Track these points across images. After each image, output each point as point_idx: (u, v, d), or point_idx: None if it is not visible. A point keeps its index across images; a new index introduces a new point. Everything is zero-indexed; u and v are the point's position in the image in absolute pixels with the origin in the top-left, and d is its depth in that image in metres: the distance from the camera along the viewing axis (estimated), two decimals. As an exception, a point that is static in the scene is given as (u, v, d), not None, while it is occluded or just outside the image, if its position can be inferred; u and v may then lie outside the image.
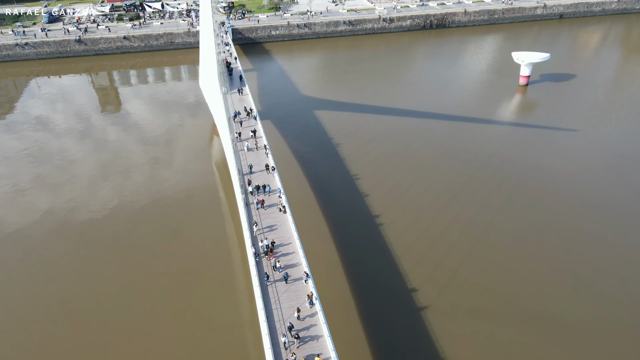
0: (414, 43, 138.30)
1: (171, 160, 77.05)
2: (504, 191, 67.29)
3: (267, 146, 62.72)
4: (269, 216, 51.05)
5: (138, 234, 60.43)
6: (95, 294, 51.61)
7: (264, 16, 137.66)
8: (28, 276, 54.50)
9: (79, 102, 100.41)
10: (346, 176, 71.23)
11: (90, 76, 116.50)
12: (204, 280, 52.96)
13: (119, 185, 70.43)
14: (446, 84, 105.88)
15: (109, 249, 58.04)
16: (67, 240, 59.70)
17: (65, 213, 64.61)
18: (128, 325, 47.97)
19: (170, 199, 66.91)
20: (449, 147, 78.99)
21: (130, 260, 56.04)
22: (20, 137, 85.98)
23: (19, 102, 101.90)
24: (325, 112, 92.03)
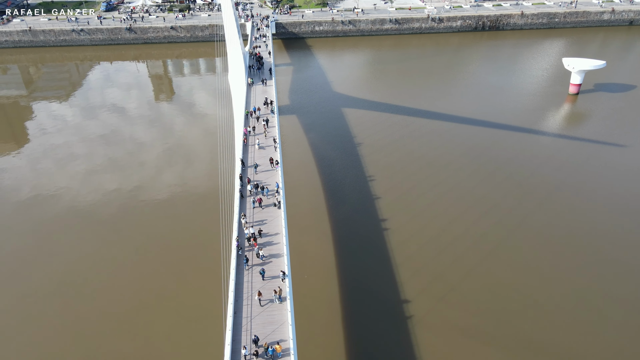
0: (463, 45, 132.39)
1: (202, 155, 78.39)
2: (526, 207, 62.41)
3: (277, 140, 61.84)
4: (262, 211, 50.13)
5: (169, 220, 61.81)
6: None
7: (310, 11, 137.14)
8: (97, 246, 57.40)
9: (133, 89, 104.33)
10: (360, 177, 69.02)
11: (138, 63, 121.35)
12: (187, 269, 52.98)
13: (180, 172, 72.08)
14: (491, 89, 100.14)
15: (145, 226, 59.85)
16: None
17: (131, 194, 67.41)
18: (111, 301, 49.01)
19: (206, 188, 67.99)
20: (476, 155, 74.56)
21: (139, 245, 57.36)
22: (78, 119, 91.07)
23: (81, 85, 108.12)
24: (355, 110, 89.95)
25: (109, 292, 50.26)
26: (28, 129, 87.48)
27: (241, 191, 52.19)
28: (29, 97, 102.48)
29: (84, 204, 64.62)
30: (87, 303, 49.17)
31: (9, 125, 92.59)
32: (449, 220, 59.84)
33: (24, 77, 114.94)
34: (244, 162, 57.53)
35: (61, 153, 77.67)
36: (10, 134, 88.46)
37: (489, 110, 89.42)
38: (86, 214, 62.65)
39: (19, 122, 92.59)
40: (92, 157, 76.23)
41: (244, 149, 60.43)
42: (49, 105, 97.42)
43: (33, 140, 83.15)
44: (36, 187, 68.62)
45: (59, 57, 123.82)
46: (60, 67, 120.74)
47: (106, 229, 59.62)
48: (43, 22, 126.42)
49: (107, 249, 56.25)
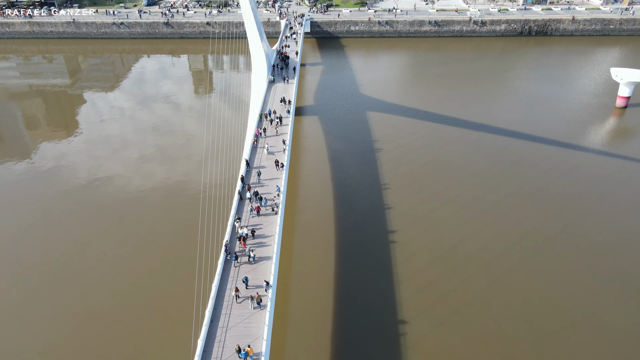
0: (506, 50, 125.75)
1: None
2: (551, 229, 57.23)
3: (286, 141, 59.79)
4: (258, 216, 48.14)
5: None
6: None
7: (347, 11, 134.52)
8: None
9: (173, 82, 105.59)
10: (375, 184, 65.86)
11: (173, 57, 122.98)
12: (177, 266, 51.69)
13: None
14: (531, 98, 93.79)
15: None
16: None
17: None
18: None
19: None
20: (503, 167, 69.63)
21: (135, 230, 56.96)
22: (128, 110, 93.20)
23: (125, 77, 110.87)
24: (380, 114, 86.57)
25: (95, 288, 49.79)
26: (81, 117, 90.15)
27: (240, 193, 50.55)
28: (76, 87, 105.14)
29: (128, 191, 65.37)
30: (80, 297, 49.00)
31: (62, 113, 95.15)
32: (462, 238, 55.75)
33: (69, 67, 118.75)
34: (249, 163, 55.92)
35: (114, 141, 79.42)
36: (63, 121, 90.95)
37: (526, 121, 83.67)
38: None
39: (66, 109, 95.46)
40: (144, 145, 77.44)
41: (252, 150, 58.82)
42: (96, 95, 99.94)
43: (86, 127, 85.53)
44: (90, 171, 70.71)
45: (100, 49, 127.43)
46: (105, 59, 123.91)
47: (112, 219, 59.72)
48: (86, 15, 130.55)
49: (105, 243, 56.18)
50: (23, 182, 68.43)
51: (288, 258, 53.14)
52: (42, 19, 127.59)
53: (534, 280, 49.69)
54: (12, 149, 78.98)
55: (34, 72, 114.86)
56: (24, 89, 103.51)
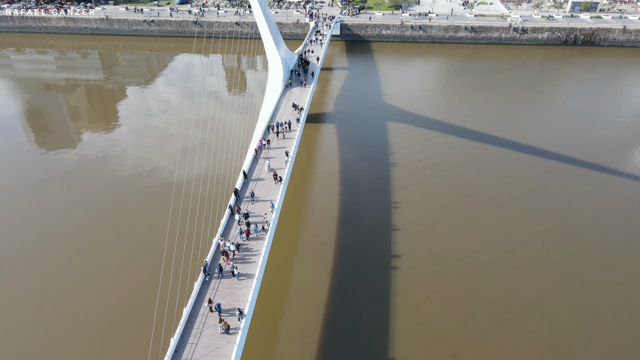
0: (548, 60, 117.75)
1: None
2: (573, 266, 51.38)
3: (290, 153, 56.55)
4: (247, 239, 45.08)
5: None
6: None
7: (380, 14, 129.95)
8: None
9: (205, 79, 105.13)
10: (384, 202, 61.64)
11: (202, 56, 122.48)
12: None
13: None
14: (572, 114, 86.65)
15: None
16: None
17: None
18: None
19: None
20: (527, 191, 63.77)
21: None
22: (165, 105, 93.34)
23: (161, 74, 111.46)
24: (402, 125, 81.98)
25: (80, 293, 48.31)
26: (121, 109, 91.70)
27: (232, 208, 47.71)
28: (111, 82, 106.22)
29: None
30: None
31: (101, 106, 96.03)
32: (470, 269, 50.81)
33: (104, 62, 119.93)
34: (246, 174, 53.07)
35: (160, 132, 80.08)
36: (103, 114, 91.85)
37: (563, 139, 76.97)
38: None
39: (105, 102, 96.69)
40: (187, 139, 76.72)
41: (252, 161, 55.91)
42: (133, 89, 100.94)
43: (126, 119, 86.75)
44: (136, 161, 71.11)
45: (131, 46, 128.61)
46: (137, 55, 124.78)
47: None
48: (119, 12, 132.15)
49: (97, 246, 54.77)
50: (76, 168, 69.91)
51: (281, 279, 50.01)
52: (77, 15, 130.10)
53: (543, 325, 44.31)
54: (59, 139, 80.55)
55: (70, 66, 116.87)
56: (62, 82, 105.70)
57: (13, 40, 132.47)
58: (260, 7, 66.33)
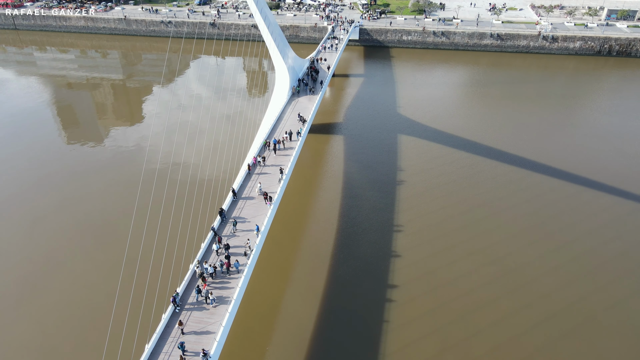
0: (580, 71, 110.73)
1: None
2: (589, 307, 46.23)
3: (284, 171, 53.09)
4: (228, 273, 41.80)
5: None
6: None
7: (402, 18, 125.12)
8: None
9: (229, 82, 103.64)
10: (386, 225, 57.47)
11: (218, 58, 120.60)
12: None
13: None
14: (602, 132, 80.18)
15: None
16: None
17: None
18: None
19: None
20: (542, 220, 58.49)
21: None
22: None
23: (182, 73, 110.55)
24: (416, 140, 77.29)
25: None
26: (145, 107, 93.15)
27: (213, 229, 44.61)
28: (132, 81, 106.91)
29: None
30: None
31: (127, 103, 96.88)
32: (473, 306, 46.25)
33: (124, 62, 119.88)
34: (235, 192, 49.92)
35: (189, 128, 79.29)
36: (128, 111, 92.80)
37: (591, 161, 70.96)
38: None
39: (129, 99, 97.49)
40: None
41: (244, 178, 52.67)
42: (154, 88, 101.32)
43: (150, 116, 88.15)
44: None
45: (148, 46, 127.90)
46: (156, 56, 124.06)
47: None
48: (137, 12, 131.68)
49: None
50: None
51: (265, 307, 46.70)
52: (96, 15, 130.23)
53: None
54: (88, 134, 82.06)
55: (90, 65, 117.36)
56: (82, 80, 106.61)
57: (34, 39, 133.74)
58: (260, 13, 63.05)
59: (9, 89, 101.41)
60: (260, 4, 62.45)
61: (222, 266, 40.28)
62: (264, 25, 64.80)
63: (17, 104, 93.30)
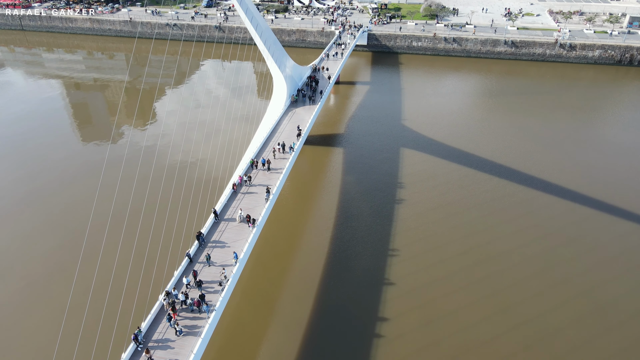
0: (598, 82, 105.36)
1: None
2: (599, 346, 42.04)
3: (271, 191, 49.81)
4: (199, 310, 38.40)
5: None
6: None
7: (412, 23, 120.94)
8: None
9: (240, 84, 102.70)
10: (381, 250, 53.75)
11: (222, 62, 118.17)
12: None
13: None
14: (618, 150, 75.02)
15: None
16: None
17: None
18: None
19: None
20: (547, 247, 54.21)
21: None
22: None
23: (189, 76, 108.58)
24: (419, 154, 73.43)
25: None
26: (157, 107, 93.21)
27: (189, 256, 41.56)
28: (139, 82, 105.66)
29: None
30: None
31: (125, 106, 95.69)
32: (472, 345, 42.41)
33: (129, 64, 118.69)
34: (217, 213, 46.83)
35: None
36: (140, 111, 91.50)
37: (608, 181, 66.31)
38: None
39: (136, 101, 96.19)
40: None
41: (229, 198, 49.52)
42: (162, 90, 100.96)
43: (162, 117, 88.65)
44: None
45: (153, 49, 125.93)
46: (161, 59, 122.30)
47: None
48: (142, 15, 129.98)
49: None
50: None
51: (243, 337, 43.55)
52: (101, 17, 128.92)
53: None
54: (100, 133, 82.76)
55: (97, 66, 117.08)
56: (89, 82, 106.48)
57: (41, 40, 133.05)
58: (251, 22, 59.96)
59: (16, 89, 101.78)
60: (250, 14, 59.35)
61: (191, 305, 36.93)
62: (256, 35, 61.78)
63: (28, 104, 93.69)
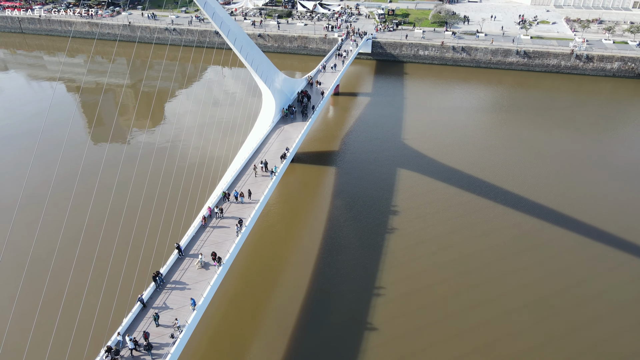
0: (616, 96, 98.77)
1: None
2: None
3: (244, 224, 45.40)
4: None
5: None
6: None
7: (420, 31, 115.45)
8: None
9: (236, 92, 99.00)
10: (366, 288, 48.85)
11: (222, 68, 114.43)
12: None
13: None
14: (634, 174, 69.31)
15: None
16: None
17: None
18: None
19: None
20: (550, 291, 48.77)
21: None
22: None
23: (193, 80, 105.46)
24: (416, 175, 68.10)
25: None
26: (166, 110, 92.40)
27: (142, 301, 37.36)
28: (142, 85, 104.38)
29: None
30: None
31: (147, 107, 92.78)
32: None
33: (131, 67, 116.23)
34: (181, 250, 42.55)
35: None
36: (150, 114, 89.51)
37: (627, 212, 60.57)
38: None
39: (146, 104, 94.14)
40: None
41: (197, 232, 45.16)
42: (166, 94, 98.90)
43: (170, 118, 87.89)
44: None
45: (152, 54, 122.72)
46: (160, 63, 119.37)
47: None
48: (141, 19, 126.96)
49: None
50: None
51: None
52: (100, 20, 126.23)
53: None
54: (111, 134, 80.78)
55: (99, 70, 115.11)
56: (92, 85, 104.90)
57: (40, 43, 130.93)
58: (228, 36, 55.71)
59: (19, 91, 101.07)
60: (225, 27, 54.95)
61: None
62: (234, 48, 57.61)
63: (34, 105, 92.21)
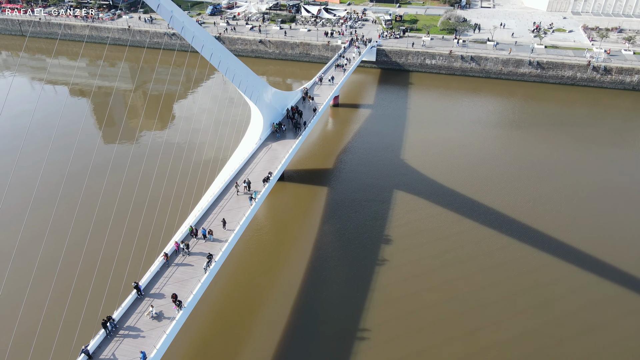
0: (636, 111, 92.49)
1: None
2: None
3: (214, 258, 41.22)
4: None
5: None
6: None
7: (428, 38, 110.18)
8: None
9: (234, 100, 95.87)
10: (348, 331, 44.44)
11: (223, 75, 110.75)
12: None
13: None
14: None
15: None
16: None
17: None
18: None
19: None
20: (542, 321, 43.73)
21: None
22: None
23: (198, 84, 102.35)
24: (413, 198, 63.33)
25: None
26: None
27: (86, 351, 33.37)
28: (145, 89, 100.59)
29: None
30: None
31: (153, 109, 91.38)
32: None
33: (133, 72, 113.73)
34: (140, 290, 38.53)
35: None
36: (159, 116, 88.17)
37: (628, 238, 55.28)
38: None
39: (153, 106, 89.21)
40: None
41: (159, 270, 41.04)
42: (172, 97, 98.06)
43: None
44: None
45: (151, 59, 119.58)
46: (165, 69, 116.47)
47: None
48: (141, 23, 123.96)
49: None
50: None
51: None
52: (99, 24, 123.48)
53: None
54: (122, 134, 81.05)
55: (103, 74, 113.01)
56: (95, 89, 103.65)
57: (41, 46, 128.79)
58: (201, 51, 51.51)
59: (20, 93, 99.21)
60: (198, 42, 50.79)
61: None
62: (214, 59, 53.50)
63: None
